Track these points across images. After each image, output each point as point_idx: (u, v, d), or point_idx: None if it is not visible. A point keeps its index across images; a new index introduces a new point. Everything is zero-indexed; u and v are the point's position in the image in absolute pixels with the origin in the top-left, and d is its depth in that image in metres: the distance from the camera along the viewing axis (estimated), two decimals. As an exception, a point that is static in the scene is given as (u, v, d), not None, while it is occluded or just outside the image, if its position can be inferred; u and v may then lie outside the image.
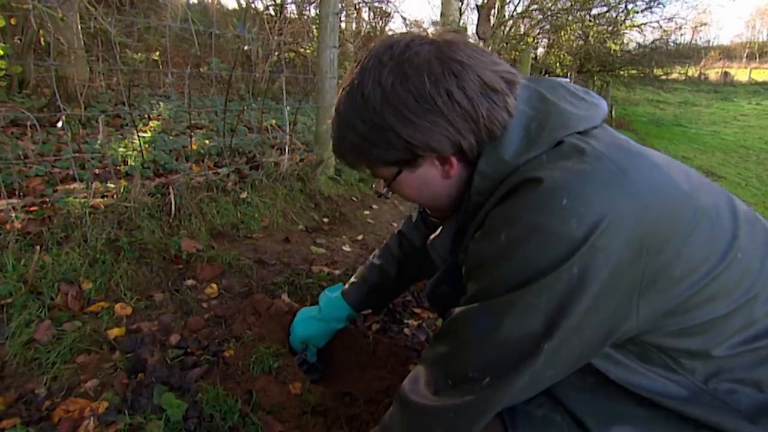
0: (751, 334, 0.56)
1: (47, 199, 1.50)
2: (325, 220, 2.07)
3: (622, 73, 11.28)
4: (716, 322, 0.55)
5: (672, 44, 11.87)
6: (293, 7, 4.85)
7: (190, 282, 1.38)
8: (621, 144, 0.57)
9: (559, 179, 0.50)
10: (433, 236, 0.74)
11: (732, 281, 0.55)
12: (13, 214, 1.33)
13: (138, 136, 2.08)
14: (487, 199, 0.59)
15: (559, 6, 8.51)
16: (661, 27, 10.43)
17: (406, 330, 1.31)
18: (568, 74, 8.80)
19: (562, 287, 0.49)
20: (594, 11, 9.15)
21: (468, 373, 0.55)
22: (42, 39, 2.69)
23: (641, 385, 0.57)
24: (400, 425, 0.62)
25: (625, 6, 9.12)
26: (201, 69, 4.73)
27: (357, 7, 6.06)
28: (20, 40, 3.00)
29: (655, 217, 0.50)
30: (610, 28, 9.49)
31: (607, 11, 9.28)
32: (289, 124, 2.34)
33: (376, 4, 5.97)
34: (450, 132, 0.57)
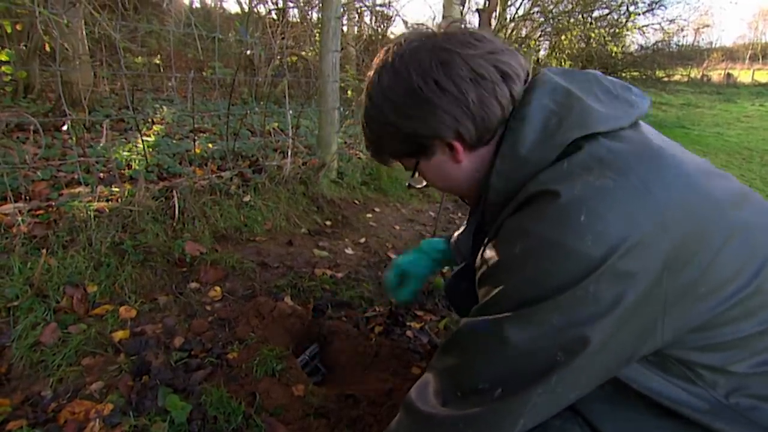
0: None
1: (53, 203, 1.52)
2: (328, 223, 2.08)
3: (624, 75, 11.25)
4: (742, 340, 0.53)
5: (674, 46, 11.85)
6: (295, 11, 4.87)
7: (193, 285, 1.39)
8: (652, 150, 0.54)
9: (578, 194, 0.49)
10: (457, 233, 0.74)
11: (763, 300, 0.53)
12: (20, 218, 1.35)
13: (142, 140, 2.09)
14: (504, 200, 0.58)
15: (561, 9, 8.52)
16: (662, 29, 10.42)
17: (408, 332, 1.31)
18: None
19: (578, 307, 0.48)
20: (595, 13, 9.15)
21: (478, 384, 0.53)
22: (47, 45, 2.71)
23: (662, 392, 0.55)
24: None
25: (627, 8, 9.12)
26: (204, 73, 4.76)
27: (359, 10, 6.09)
28: (26, 46, 3.03)
29: (679, 236, 0.48)
30: (612, 31, 9.49)
31: (608, 13, 9.28)
32: (292, 127, 2.35)
33: (377, 8, 5.99)
34: (445, 118, 0.58)
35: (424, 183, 0.72)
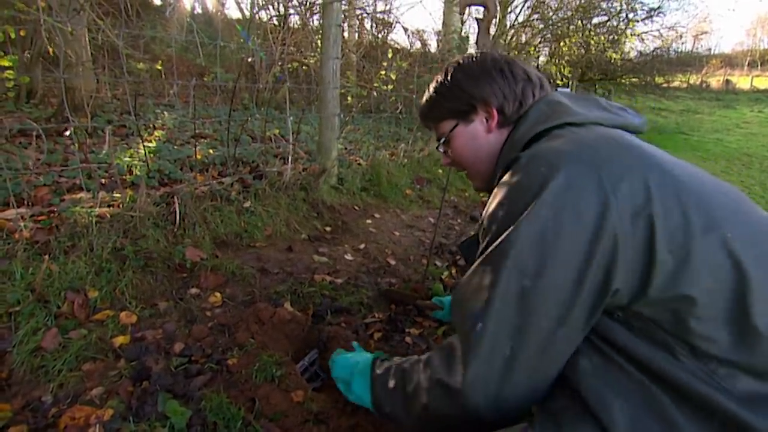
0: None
1: (55, 209, 1.53)
2: (328, 228, 2.09)
3: (623, 81, 11.30)
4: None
5: (673, 53, 11.90)
6: (296, 17, 4.91)
7: (194, 291, 1.40)
8: (613, 137, 0.66)
9: (536, 153, 0.66)
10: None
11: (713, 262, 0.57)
12: (22, 224, 1.36)
13: (143, 145, 2.10)
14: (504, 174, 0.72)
15: (560, 15, 8.57)
16: (661, 36, 10.48)
17: (407, 339, 1.32)
18: (570, 83, 8.85)
19: (528, 227, 0.60)
20: (594, 20, 9.20)
21: (466, 325, 0.64)
22: (51, 51, 2.74)
23: (651, 360, 0.59)
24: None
25: (626, 15, 9.17)
26: (205, 79, 4.79)
27: (359, 18, 6.13)
28: (29, 52, 3.05)
29: (624, 192, 0.58)
30: (611, 37, 9.54)
31: (607, 20, 9.33)
32: (292, 133, 2.37)
33: (378, 15, 6.04)
34: (497, 91, 0.81)
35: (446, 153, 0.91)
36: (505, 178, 0.68)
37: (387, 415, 0.81)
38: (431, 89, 0.90)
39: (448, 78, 0.86)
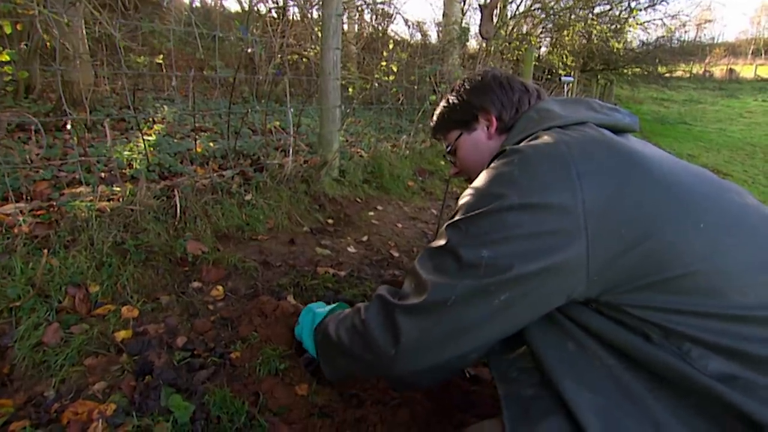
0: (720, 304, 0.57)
1: (54, 203, 1.51)
2: (330, 221, 2.07)
3: (625, 71, 11.19)
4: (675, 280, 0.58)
5: (676, 42, 11.77)
6: (296, 9, 4.86)
7: (196, 284, 1.39)
8: (594, 137, 0.67)
9: (518, 149, 0.68)
10: None
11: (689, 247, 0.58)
12: (21, 218, 1.34)
13: (143, 139, 2.08)
14: None
15: (562, 5, 8.47)
16: (664, 24, 10.37)
17: (411, 331, 1.30)
18: (572, 73, 8.76)
19: (501, 208, 0.62)
20: (597, 9, 9.09)
21: (418, 276, 0.69)
22: (48, 44, 2.71)
23: (620, 339, 0.60)
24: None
25: (628, 4, 9.05)
26: (204, 72, 4.76)
27: (359, 8, 6.07)
28: (26, 45, 3.03)
29: (597, 190, 0.60)
30: (613, 27, 9.42)
31: (609, 9, 9.22)
32: (293, 125, 2.34)
33: (378, 6, 5.97)
34: (495, 100, 0.89)
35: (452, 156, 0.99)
36: (487, 168, 0.72)
37: (322, 339, 0.90)
38: (440, 105, 1.00)
39: (454, 94, 0.96)
